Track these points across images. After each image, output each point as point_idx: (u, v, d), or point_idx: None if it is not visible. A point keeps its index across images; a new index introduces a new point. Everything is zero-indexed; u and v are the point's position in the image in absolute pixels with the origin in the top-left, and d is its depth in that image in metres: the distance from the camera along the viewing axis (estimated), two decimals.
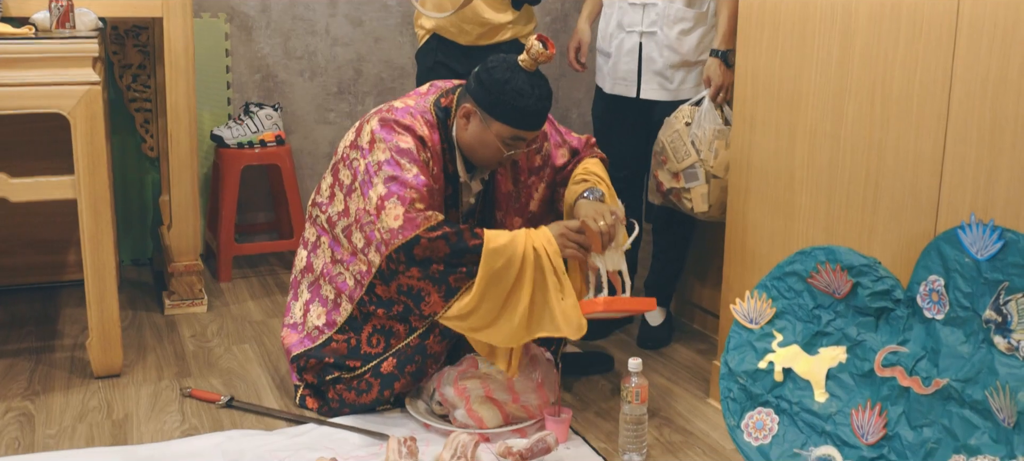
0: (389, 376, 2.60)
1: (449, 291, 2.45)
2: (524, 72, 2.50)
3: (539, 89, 2.51)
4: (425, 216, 2.43)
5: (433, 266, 2.43)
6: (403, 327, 2.58)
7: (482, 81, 2.53)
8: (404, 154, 2.50)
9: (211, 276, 3.89)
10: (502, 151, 2.55)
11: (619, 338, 3.31)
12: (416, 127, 2.55)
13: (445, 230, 2.41)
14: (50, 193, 2.77)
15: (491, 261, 2.40)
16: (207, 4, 3.98)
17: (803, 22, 2.43)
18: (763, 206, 2.58)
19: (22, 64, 2.67)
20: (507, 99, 2.48)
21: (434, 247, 2.41)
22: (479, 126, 2.54)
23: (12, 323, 3.36)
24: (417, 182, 2.46)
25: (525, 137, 2.55)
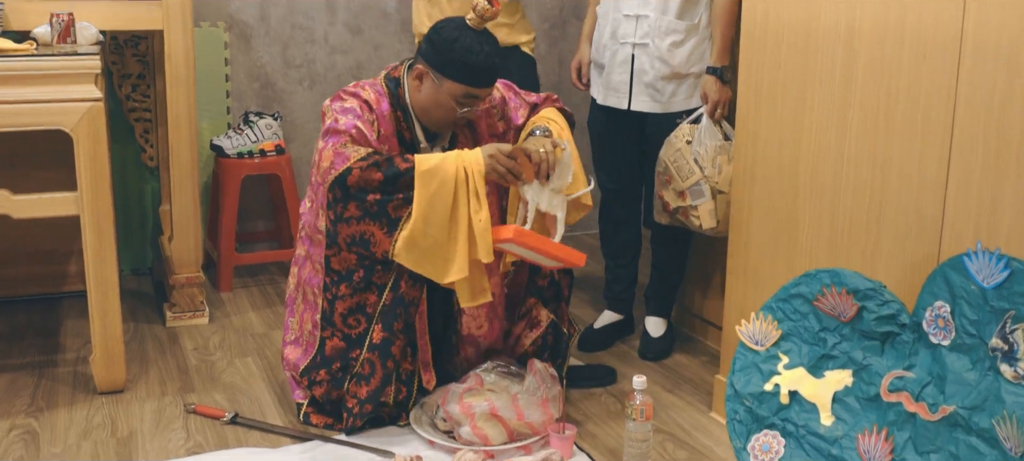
0: (384, 343, 2.58)
1: (391, 223, 2.48)
2: (472, 31, 2.56)
3: (488, 46, 2.56)
4: (355, 150, 2.49)
5: (369, 197, 2.47)
6: (371, 294, 2.59)
7: (432, 41, 2.58)
8: (346, 112, 2.57)
9: (211, 286, 3.89)
10: (455, 109, 2.60)
11: (620, 349, 3.32)
12: (361, 93, 2.63)
13: (375, 158, 2.47)
14: (53, 210, 2.77)
15: (426, 183, 2.45)
16: (206, 13, 3.97)
17: (806, 38, 2.44)
18: (767, 222, 2.59)
19: (24, 81, 2.67)
20: (457, 57, 2.53)
21: (366, 176, 2.45)
22: (432, 86, 2.60)
23: (13, 336, 3.36)
24: (348, 126, 2.53)
25: (477, 94, 2.60)
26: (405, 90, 2.68)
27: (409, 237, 2.45)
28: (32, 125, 2.68)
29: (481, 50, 2.54)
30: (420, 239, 2.46)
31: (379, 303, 2.59)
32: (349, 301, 2.60)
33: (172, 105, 3.31)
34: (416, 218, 2.44)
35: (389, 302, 2.58)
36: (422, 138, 2.70)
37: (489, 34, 2.59)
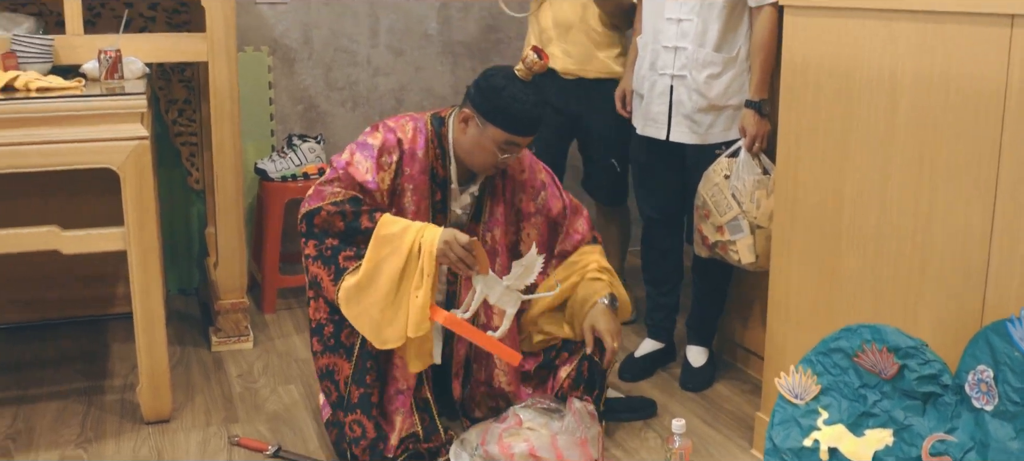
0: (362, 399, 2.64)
1: (338, 271, 2.57)
2: (520, 81, 2.63)
3: (533, 97, 2.62)
4: (333, 190, 2.61)
5: (328, 240, 2.59)
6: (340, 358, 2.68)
7: (480, 88, 2.65)
8: (359, 147, 2.68)
9: (256, 307, 3.94)
10: (496, 155, 2.65)
11: (661, 379, 3.32)
12: (398, 130, 2.71)
13: (346, 206, 2.58)
14: (101, 245, 2.82)
15: (379, 246, 2.54)
16: (250, 38, 4.02)
17: (848, 82, 2.41)
18: (808, 264, 2.58)
19: (74, 121, 2.72)
20: (503, 104, 2.59)
21: (331, 220, 2.58)
22: (476, 130, 2.65)
23: (62, 360, 3.43)
24: (341, 165, 2.64)
25: (518, 142, 2.65)
26: (449, 130, 2.74)
27: (353, 288, 2.54)
28: (81, 163, 2.73)
29: (526, 100, 2.59)
30: (362, 295, 2.54)
31: (351, 370, 2.66)
32: (323, 360, 2.69)
33: (216, 134, 3.35)
34: (361, 275, 2.53)
35: (358, 367, 2.65)
36: (454, 178, 2.76)
37: (536, 86, 2.64)
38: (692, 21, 2.99)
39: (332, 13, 4.12)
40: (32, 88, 2.81)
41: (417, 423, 2.69)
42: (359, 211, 2.58)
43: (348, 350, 2.66)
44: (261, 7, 4.02)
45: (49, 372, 3.32)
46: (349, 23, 4.15)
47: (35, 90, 2.80)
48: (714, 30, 2.96)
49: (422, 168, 2.71)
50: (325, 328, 2.68)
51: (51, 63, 3.06)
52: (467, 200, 2.81)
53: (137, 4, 3.71)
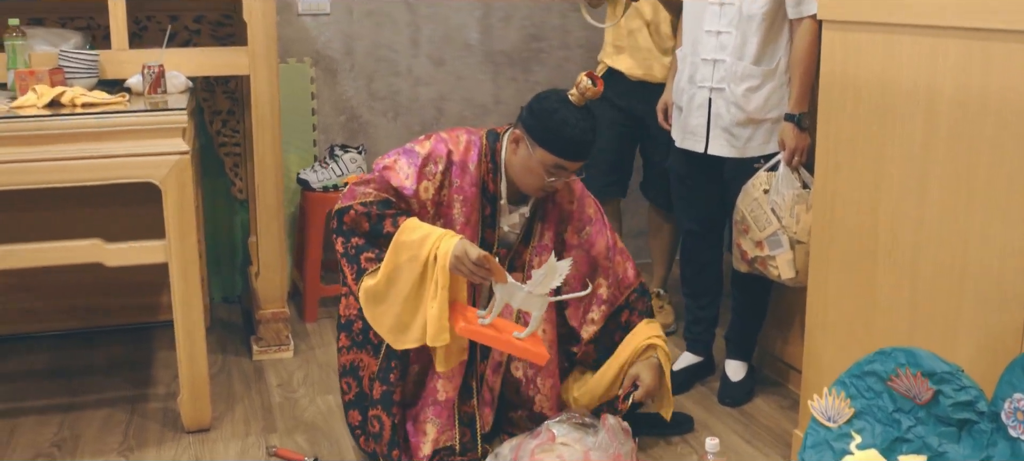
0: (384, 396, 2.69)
1: (359, 271, 2.62)
2: (572, 105, 2.63)
3: (584, 123, 2.62)
4: (365, 190, 2.64)
5: (353, 239, 2.64)
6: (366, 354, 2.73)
7: (533, 110, 2.67)
8: (404, 153, 2.69)
9: (298, 315, 3.98)
10: (544, 178, 2.66)
11: (699, 393, 3.30)
12: (450, 140, 2.72)
13: (373, 208, 2.61)
14: (143, 258, 2.87)
15: (397, 252, 2.56)
16: (293, 49, 4.06)
17: (884, 97, 2.38)
18: (845, 282, 2.55)
19: (117, 136, 2.76)
20: (553, 128, 2.60)
21: (358, 220, 2.63)
22: (526, 151, 2.66)
23: (110, 367, 3.50)
24: (384, 172, 2.65)
25: (566, 167, 2.65)
26: (503, 147, 2.75)
27: (371, 289, 2.58)
28: (124, 178, 2.78)
29: (577, 125, 2.59)
30: (380, 298, 2.58)
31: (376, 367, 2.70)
32: (348, 356, 2.73)
33: (258, 147, 3.39)
34: (379, 278, 2.57)
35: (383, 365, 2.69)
36: (504, 195, 2.77)
37: (588, 111, 2.64)
38: (731, 34, 2.97)
39: (374, 24, 4.15)
40: (77, 103, 2.87)
41: (456, 437, 2.70)
42: (384, 214, 2.61)
43: (376, 347, 2.70)
44: (304, 18, 4.06)
45: (96, 380, 3.39)
46: (390, 33, 4.17)
47: (80, 105, 2.86)
48: (753, 43, 2.94)
49: (473, 181, 2.72)
50: (354, 324, 2.71)
51: (97, 78, 3.12)
52: (516, 220, 2.80)
53: (182, 17, 3.76)
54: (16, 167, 2.71)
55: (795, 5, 2.88)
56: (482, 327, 2.58)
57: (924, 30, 2.25)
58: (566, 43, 4.41)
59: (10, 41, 3.03)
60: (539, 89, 4.32)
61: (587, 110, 2.64)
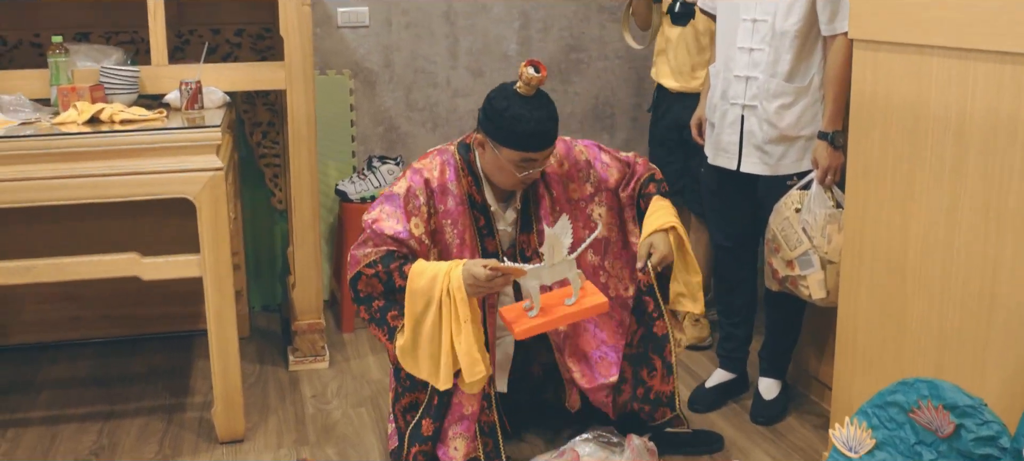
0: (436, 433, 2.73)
1: (390, 332, 2.63)
2: (523, 98, 2.61)
3: (538, 112, 2.61)
4: (365, 253, 2.64)
5: (374, 303, 2.65)
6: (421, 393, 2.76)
7: (486, 112, 2.67)
8: (385, 199, 2.70)
9: (335, 325, 4.02)
10: (516, 174, 2.66)
11: (732, 410, 3.27)
12: (424, 169, 2.73)
13: (378, 267, 2.61)
14: (178, 272, 2.92)
15: (412, 302, 2.57)
16: (332, 61, 4.10)
17: (915, 120, 2.35)
18: (875, 305, 2.51)
19: (152, 153, 2.82)
20: (508, 125, 2.60)
21: (371, 284, 2.63)
22: (491, 154, 2.68)
23: (149, 375, 3.56)
24: (373, 226, 2.65)
25: (533, 158, 2.64)
26: (475, 156, 2.76)
27: (402, 347, 2.61)
28: (159, 194, 2.83)
29: (530, 117, 2.59)
30: (411, 350, 2.61)
31: (428, 399, 2.73)
32: (405, 399, 2.76)
33: (294, 161, 3.44)
34: (406, 336, 2.59)
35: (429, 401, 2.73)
36: (492, 201, 2.79)
37: (540, 97, 2.64)
38: (763, 50, 2.94)
39: (412, 35, 4.18)
40: (116, 120, 2.93)
41: (479, 448, 2.73)
42: (391, 270, 2.60)
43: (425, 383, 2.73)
44: (343, 31, 4.10)
45: (137, 388, 3.46)
46: (428, 45, 4.20)
47: (119, 122, 2.92)
48: (786, 60, 2.91)
49: (458, 199, 2.73)
50: (401, 371, 2.74)
51: (137, 93, 3.18)
52: (512, 216, 2.82)
53: (223, 31, 3.82)
54: (56, 183, 2.77)
55: (829, 22, 2.84)
56: (536, 320, 2.61)
57: (954, 52, 2.22)
58: (605, 54, 4.40)
59: (53, 58, 3.11)
60: (579, 101, 4.35)
61: (538, 98, 2.63)
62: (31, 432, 3.12)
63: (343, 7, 4.09)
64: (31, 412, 3.27)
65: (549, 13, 4.31)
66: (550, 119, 2.64)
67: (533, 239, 2.84)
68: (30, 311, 3.81)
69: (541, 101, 2.63)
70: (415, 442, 2.73)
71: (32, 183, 2.75)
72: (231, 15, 3.81)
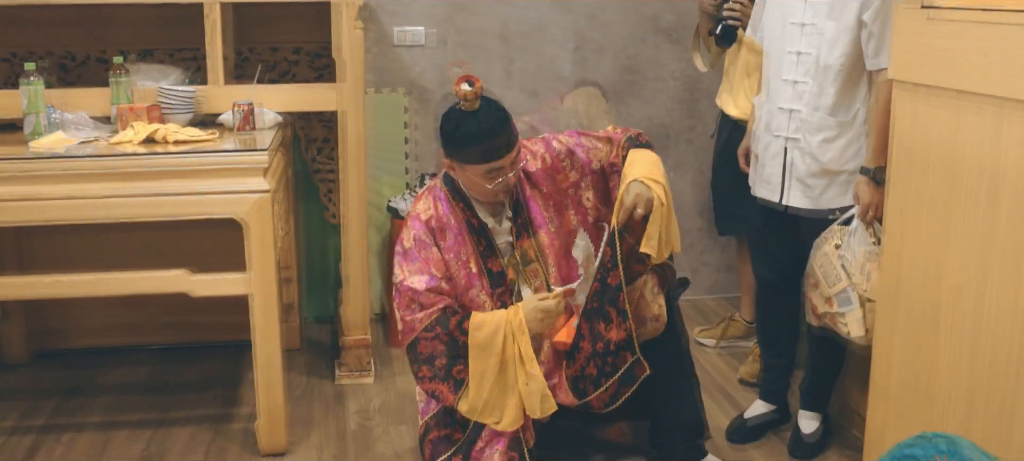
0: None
1: (456, 383, 2.70)
2: (466, 114, 2.66)
3: (486, 122, 2.65)
4: (418, 318, 2.69)
5: (437, 362, 2.71)
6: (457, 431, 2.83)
7: (442, 138, 2.74)
8: (403, 258, 2.76)
9: (384, 339, 4.10)
10: (488, 186, 2.70)
11: (771, 443, 3.25)
12: (421, 212, 2.78)
13: (437, 330, 2.68)
14: (226, 289, 3.02)
15: (478, 357, 2.67)
16: (388, 80, 4.18)
17: (952, 161, 2.31)
18: (908, 349, 2.49)
19: (203, 175, 2.91)
20: (460, 142, 2.67)
21: (432, 346, 2.69)
22: (462, 173, 2.74)
23: (202, 383, 3.68)
24: (406, 286, 2.71)
25: (499, 165, 2.68)
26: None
27: (469, 405, 2.69)
28: (208, 214, 2.93)
29: (479, 129, 2.64)
30: (477, 402, 2.68)
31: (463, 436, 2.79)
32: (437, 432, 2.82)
33: (344, 181, 3.51)
34: (472, 387, 2.66)
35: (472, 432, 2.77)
36: (488, 218, 2.82)
37: (485, 109, 2.67)
38: (807, 83, 2.92)
39: (468, 55, 4.23)
40: (170, 140, 3.03)
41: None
42: (450, 330, 2.68)
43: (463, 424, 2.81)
44: (399, 49, 4.17)
45: (189, 396, 3.57)
46: (484, 64, 4.25)
47: (172, 142, 3.02)
48: (830, 93, 2.89)
49: (458, 230, 2.78)
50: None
51: (192, 113, 3.28)
52: (507, 225, 2.85)
53: (281, 49, 3.92)
54: (111, 202, 2.88)
55: (874, 56, 2.81)
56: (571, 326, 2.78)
57: (990, 100, 2.19)
58: (660, 75, 4.40)
59: (114, 78, 3.23)
60: (633, 122, 4.36)
61: (484, 108, 2.66)
62: (85, 437, 3.25)
63: (400, 26, 4.16)
64: (88, 416, 3.40)
65: (605, 34, 4.32)
66: (500, 123, 2.67)
67: (531, 243, 2.86)
68: (92, 316, 3.95)
69: (487, 110, 2.67)
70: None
71: (88, 201, 2.87)
72: (289, 34, 3.91)
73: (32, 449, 3.17)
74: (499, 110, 2.69)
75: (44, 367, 3.84)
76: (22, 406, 3.49)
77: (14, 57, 3.77)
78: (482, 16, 4.21)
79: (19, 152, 2.94)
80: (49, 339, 3.96)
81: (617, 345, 2.73)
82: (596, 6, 4.28)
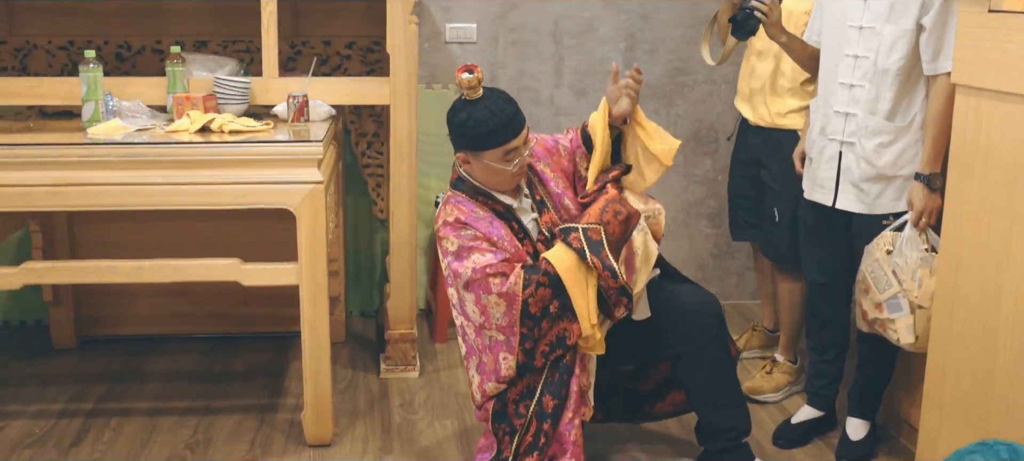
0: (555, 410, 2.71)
1: (571, 315, 2.66)
2: (473, 102, 2.67)
3: (495, 105, 2.66)
4: (511, 283, 2.63)
5: (552, 306, 2.65)
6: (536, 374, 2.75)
7: (453, 133, 2.74)
8: (458, 256, 2.69)
9: (428, 335, 4.11)
10: (508, 167, 2.71)
11: (818, 448, 3.22)
12: (446, 218, 2.75)
13: (534, 279, 2.63)
14: (277, 280, 3.03)
15: (569, 281, 2.64)
16: (439, 76, 4.19)
17: (1015, 168, 2.28)
18: (965, 356, 2.46)
19: (256, 164, 2.94)
20: (475, 131, 2.66)
21: (540, 297, 2.63)
22: (479, 163, 2.72)
23: (249, 373, 3.71)
24: (482, 269, 2.64)
25: (514, 145, 2.69)
26: (471, 178, 2.79)
27: (590, 320, 2.66)
28: (261, 204, 2.95)
29: (491, 115, 2.65)
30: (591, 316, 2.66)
31: (540, 379, 2.73)
32: (519, 387, 2.76)
33: (395, 176, 3.52)
34: (580, 310, 2.65)
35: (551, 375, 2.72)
36: (511, 199, 2.81)
37: (489, 94, 2.69)
38: (864, 87, 2.90)
39: (518, 53, 4.23)
40: (225, 130, 3.06)
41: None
42: (543, 271, 2.64)
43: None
44: (451, 46, 4.18)
45: (235, 385, 3.60)
46: (534, 63, 4.25)
47: (228, 132, 3.05)
48: (887, 98, 2.86)
49: (490, 218, 2.75)
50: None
51: (247, 104, 3.31)
52: (528, 203, 2.84)
53: (335, 43, 3.94)
54: (167, 189, 2.91)
55: (931, 61, 2.78)
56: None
57: None
58: (711, 78, 4.38)
59: (171, 67, 3.26)
60: (682, 124, 4.35)
61: (488, 93, 2.68)
62: (133, 422, 3.29)
63: (452, 23, 4.17)
64: (136, 402, 3.44)
65: (656, 35, 4.31)
66: (508, 104, 2.69)
67: (550, 217, 2.84)
68: (141, 304, 4.00)
69: (492, 95, 2.69)
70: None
71: (144, 188, 2.90)
72: (343, 28, 3.93)
73: (81, 432, 3.21)
74: (501, 93, 2.72)
75: (91, 353, 3.89)
76: (70, 390, 3.53)
77: (71, 45, 3.82)
78: (534, 14, 4.21)
79: (78, 138, 2.98)
80: (96, 326, 4.02)
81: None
82: (650, 6, 4.27)
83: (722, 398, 2.90)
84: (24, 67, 3.82)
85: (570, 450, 2.70)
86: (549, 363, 2.70)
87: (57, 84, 3.35)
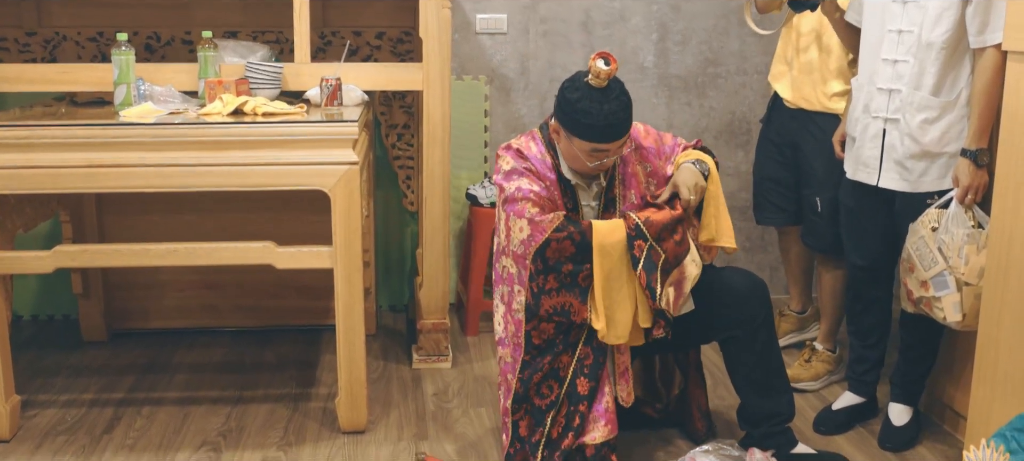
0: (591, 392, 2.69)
1: (582, 292, 2.62)
2: (594, 90, 2.59)
3: (608, 105, 2.58)
4: (547, 219, 2.61)
5: (565, 267, 2.61)
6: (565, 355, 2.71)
7: (559, 102, 2.66)
8: (508, 175, 2.71)
9: (459, 328, 4.06)
10: (587, 163, 2.67)
11: (859, 435, 3.16)
12: (516, 144, 2.75)
13: (570, 229, 2.60)
14: (311, 262, 3.00)
15: (602, 259, 2.59)
16: (470, 67, 4.16)
17: None
18: (1017, 328, 2.40)
19: (291, 145, 2.90)
20: (577, 118, 2.59)
21: (562, 247, 2.60)
22: (565, 141, 2.68)
23: (279, 365, 3.67)
24: (524, 192, 2.65)
25: (604, 149, 2.63)
26: (555, 140, 2.76)
27: (598, 310, 2.61)
28: (296, 185, 2.91)
29: (599, 111, 2.57)
30: (607, 303, 2.62)
31: (572, 362, 2.70)
32: (546, 370, 2.72)
33: (428, 162, 3.49)
34: (598, 292, 2.60)
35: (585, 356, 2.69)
36: (573, 176, 2.76)
37: (612, 89, 2.60)
38: (908, 62, 2.84)
39: (549, 44, 4.20)
40: (258, 112, 3.03)
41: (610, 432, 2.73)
42: (581, 229, 2.61)
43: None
44: (481, 37, 4.16)
45: (265, 376, 3.56)
46: (565, 54, 4.22)
47: (261, 115, 3.02)
48: (932, 73, 2.81)
49: (548, 168, 2.73)
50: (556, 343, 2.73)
51: (279, 89, 3.29)
52: (596, 190, 2.79)
53: (365, 33, 3.92)
54: (201, 170, 2.88)
55: (978, 33, 2.73)
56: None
57: None
58: (743, 69, 4.33)
59: (202, 52, 3.24)
60: (714, 115, 4.31)
61: (610, 89, 2.60)
62: (165, 411, 3.25)
63: (482, 13, 4.14)
64: (167, 392, 3.41)
65: (688, 26, 4.27)
66: (621, 110, 2.60)
67: (614, 218, 2.78)
68: (170, 298, 3.98)
69: (612, 92, 2.60)
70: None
71: (179, 169, 2.87)
72: (373, 18, 3.91)
73: (113, 420, 3.18)
74: (623, 96, 2.63)
75: (122, 346, 3.87)
76: (101, 381, 3.51)
77: (100, 36, 3.81)
78: (565, 4, 4.18)
79: (111, 120, 2.96)
80: (126, 319, 3.99)
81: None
82: None
83: (770, 382, 2.84)
84: (54, 58, 3.81)
85: (604, 418, 2.67)
86: (561, 334, 2.68)
87: (89, 70, 3.33)
